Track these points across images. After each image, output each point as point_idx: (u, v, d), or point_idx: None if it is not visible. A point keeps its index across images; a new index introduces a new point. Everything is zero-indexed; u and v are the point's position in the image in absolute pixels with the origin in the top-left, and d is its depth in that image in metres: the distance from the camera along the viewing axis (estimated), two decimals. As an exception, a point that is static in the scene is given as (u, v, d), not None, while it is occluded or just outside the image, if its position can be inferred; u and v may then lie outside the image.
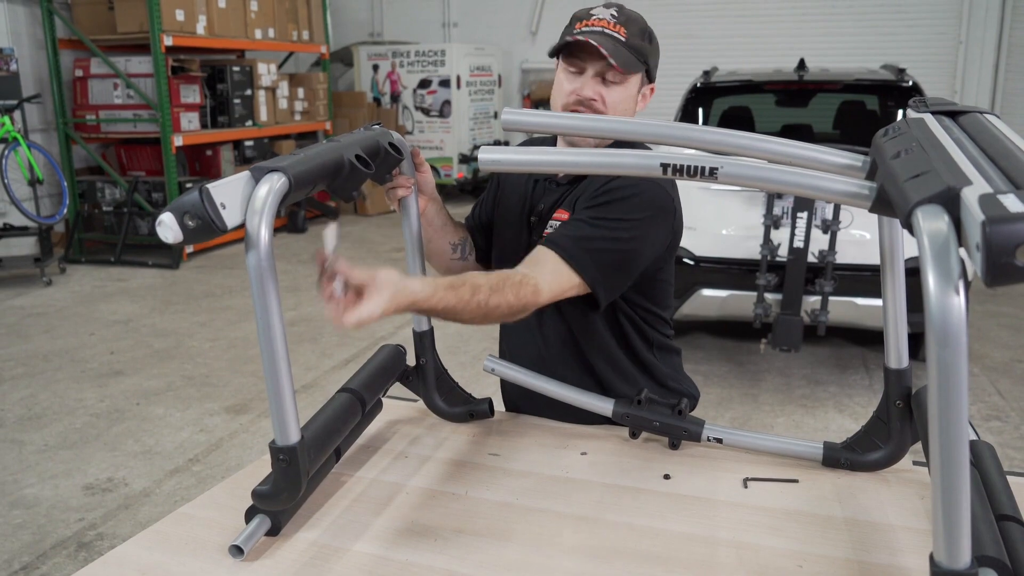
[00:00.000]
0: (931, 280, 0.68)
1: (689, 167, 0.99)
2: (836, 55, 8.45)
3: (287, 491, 1.09)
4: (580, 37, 1.41)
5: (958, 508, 0.74)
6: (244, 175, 1.01)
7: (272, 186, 0.99)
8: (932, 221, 0.70)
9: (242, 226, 0.99)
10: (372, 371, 1.45)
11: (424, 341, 1.50)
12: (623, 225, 1.40)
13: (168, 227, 0.94)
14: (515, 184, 1.62)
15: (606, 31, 1.42)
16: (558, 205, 1.52)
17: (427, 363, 1.51)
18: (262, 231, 0.97)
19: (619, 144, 1.47)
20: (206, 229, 0.94)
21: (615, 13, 1.45)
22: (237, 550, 1.10)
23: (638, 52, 1.44)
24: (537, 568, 1.10)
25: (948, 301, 0.67)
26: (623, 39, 1.42)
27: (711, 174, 0.98)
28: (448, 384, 1.55)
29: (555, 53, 1.47)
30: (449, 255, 1.62)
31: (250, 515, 1.17)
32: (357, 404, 1.35)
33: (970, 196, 0.68)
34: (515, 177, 1.63)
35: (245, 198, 0.99)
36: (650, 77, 1.51)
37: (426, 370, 1.52)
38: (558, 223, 1.48)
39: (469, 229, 1.70)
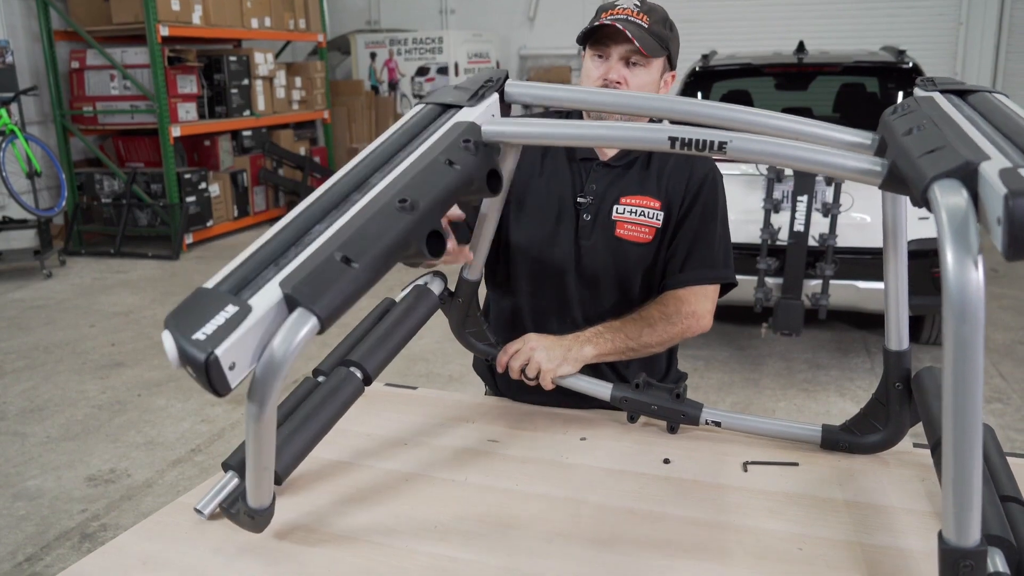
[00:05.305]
0: (950, 255, 0.67)
1: (698, 141, 0.97)
2: (835, 37, 8.40)
3: (252, 530, 1.14)
4: (608, 22, 1.48)
5: (970, 485, 0.73)
6: (265, 316, 0.80)
7: (301, 330, 0.80)
8: (950, 195, 0.69)
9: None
10: (392, 335, 1.27)
11: (465, 286, 1.47)
12: (725, 221, 1.61)
13: (169, 350, 0.76)
14: (541, 166, 1.61)
15: (630, 18, 1.50)
16: (625, 191, 1.56)
17: (463, 301, 1.50)
18: (274, 385, 0.77)
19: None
20: (205, 389, 0.77)
21: (638, 3, 1.53)
22: (198, 513, 1.18)
23: (660, 39, 1.51)
24: (538, 553, 1.09)
25: (967, 276, 0.67)
26: (646, 26, 1.50)
27: (720, 148, 0.97)
28: (475, 323, 1.55)
29: (584, 39, 1.53)
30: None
31: (227, 468, 1.23)
32: (360, 387, 1.20)
33: (989, 170, 0.67)
34: (545, 159, 1.61)
35: (263, 343, 0.79)
36: (671, 64, 1.58)
37: (459, 306, 1.50)
38: (634, 208, 1.56)
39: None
